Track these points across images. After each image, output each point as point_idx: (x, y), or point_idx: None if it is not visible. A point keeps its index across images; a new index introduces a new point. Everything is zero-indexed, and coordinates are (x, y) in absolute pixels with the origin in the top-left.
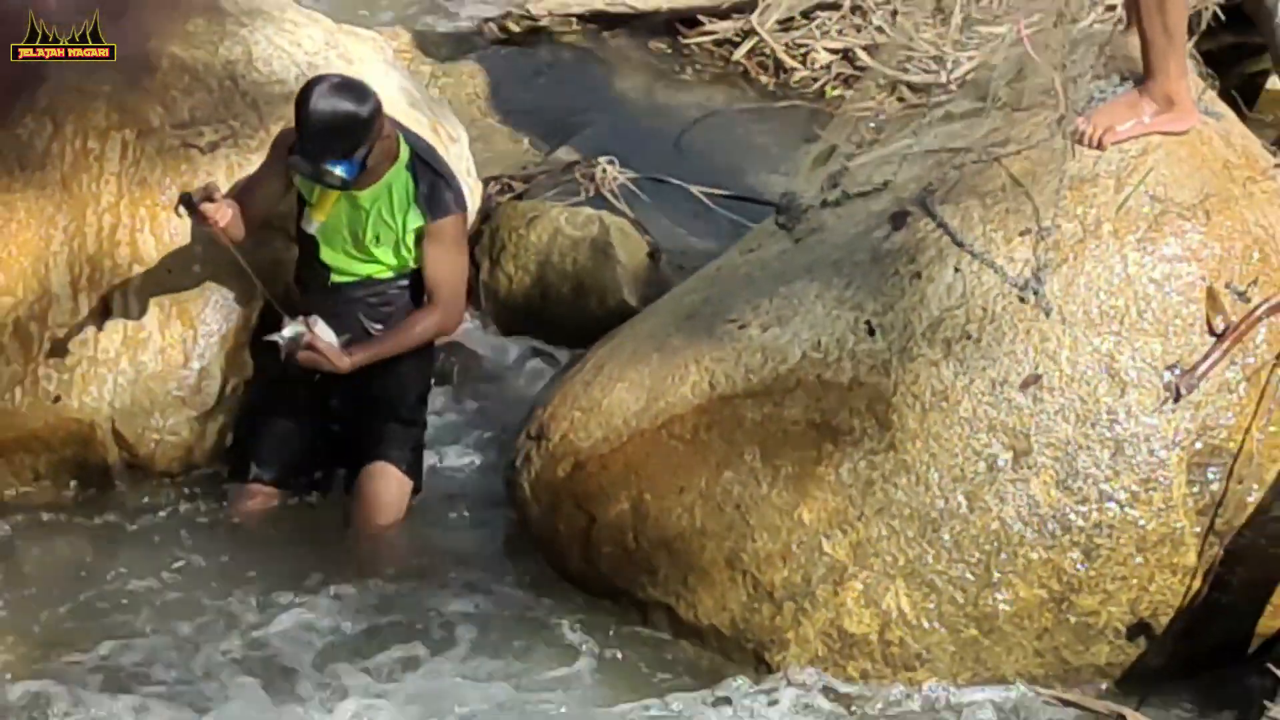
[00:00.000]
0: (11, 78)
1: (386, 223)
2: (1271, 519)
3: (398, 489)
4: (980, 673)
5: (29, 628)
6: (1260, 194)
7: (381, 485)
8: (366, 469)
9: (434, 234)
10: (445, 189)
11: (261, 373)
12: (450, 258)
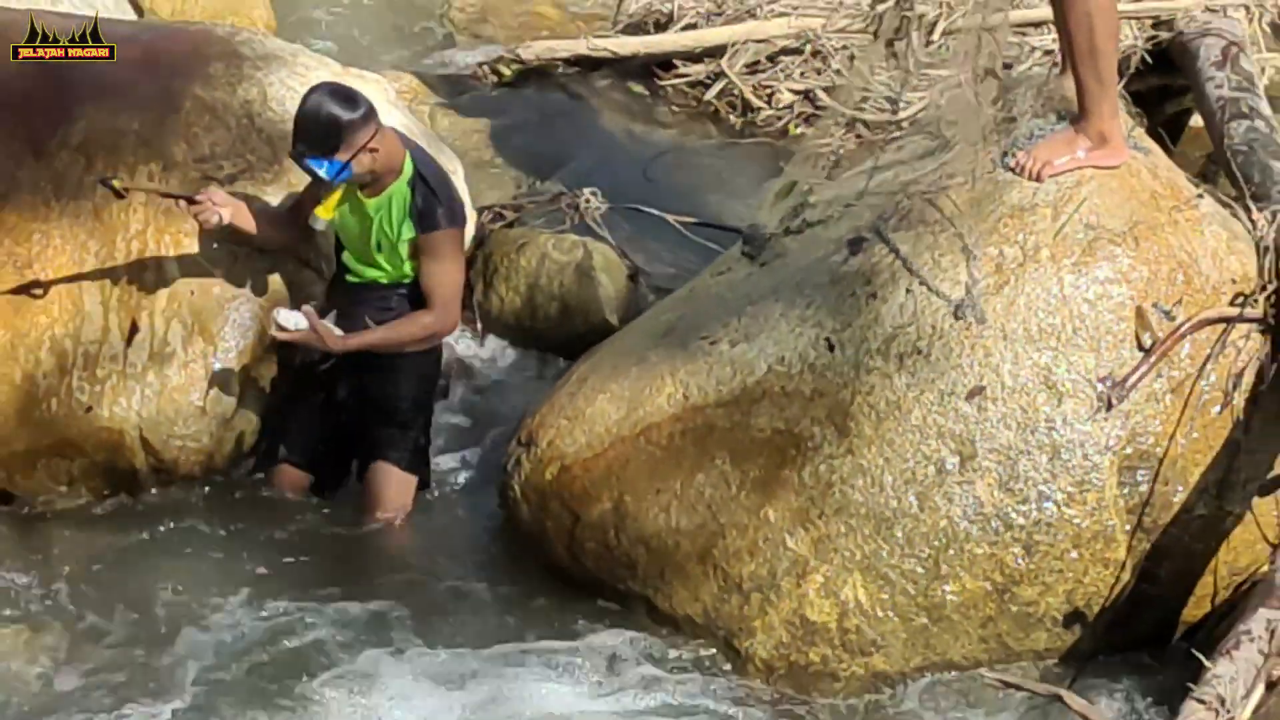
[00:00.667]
0: (49, 119)
1: (385, 232)
2: (1195, 517)
3: (397, 486)
4: (930, 657)
5: (64, 621)
6: (1184, 222)
7: (382, 483)
8: (369, 468)
9: (425, 246)
10: (438, 205)
11: (286, 366)
12: (441, 268)
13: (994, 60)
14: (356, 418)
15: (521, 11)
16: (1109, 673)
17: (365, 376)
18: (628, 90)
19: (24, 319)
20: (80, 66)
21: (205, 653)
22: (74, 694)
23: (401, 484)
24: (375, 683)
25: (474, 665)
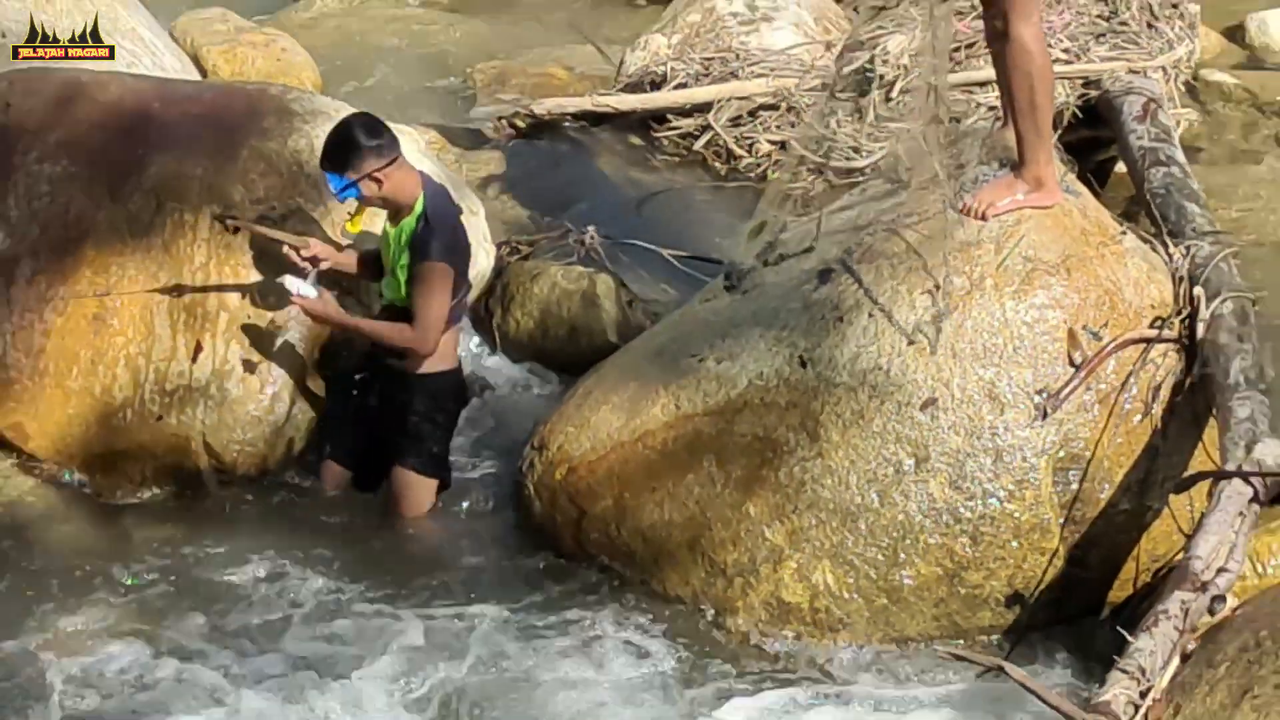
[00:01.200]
0: (124, 167)
1: (395, 258)
2: (1119, 511)
3: (414, 487)
4: (889, 633)
5: (136, 604)
6: (1110, 255)
7: (400, 485)
8: (391, 471)
9: (416, 274)
10: (433, 239)
11: (331, 375)
12: (426, 296)
13: (942, 112)
14: (381, 425)
15: (534, 73)
16: (1045, 646)
17: (388, 390)
18: (627, 141)
19: (103, 340)
20: (152, 122)
21: (254, 625)
22: (144, 661)
23: (418, 486)
24: (403, 652)
25: (491, 637)
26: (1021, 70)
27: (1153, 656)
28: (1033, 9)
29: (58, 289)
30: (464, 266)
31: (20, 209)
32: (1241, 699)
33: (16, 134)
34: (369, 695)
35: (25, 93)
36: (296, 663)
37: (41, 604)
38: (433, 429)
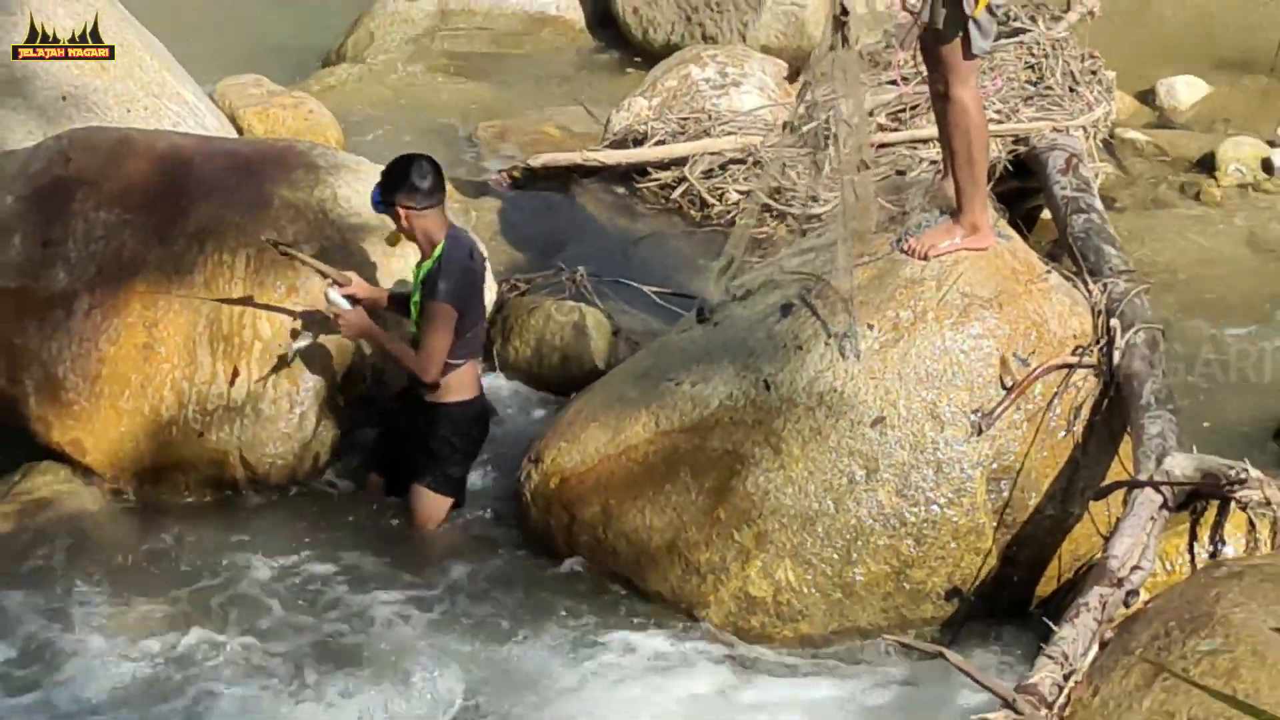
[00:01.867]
0: (171, 213)
1: (414, 293)
2: (1045, 516)
3: (427, 503)
4: (843, 623)
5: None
6: (1037, 291)
7: (414, 500)
8: (411, 487)
9: (423, 310)
10: (442, 282)
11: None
12: (428, 331)
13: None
14: (406, 447)
15: (531, 131)
16: (980, 635)
17: (415, 416)
18: (613, 191)
19: (151, 366)
20: (195, 174)
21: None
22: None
23: (431, 502)
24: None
25: (489, 628)
26: (961, 128)
27: (1075, 644)
28: (971, 74)
29: (111, 321)
30: (471, 310)
31: (79, 250)
32: (1153, 681)
33: (76, 185)
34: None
35: (84, 148)
36: (315, 651)
37: (94, 595)
38: (451, 453)
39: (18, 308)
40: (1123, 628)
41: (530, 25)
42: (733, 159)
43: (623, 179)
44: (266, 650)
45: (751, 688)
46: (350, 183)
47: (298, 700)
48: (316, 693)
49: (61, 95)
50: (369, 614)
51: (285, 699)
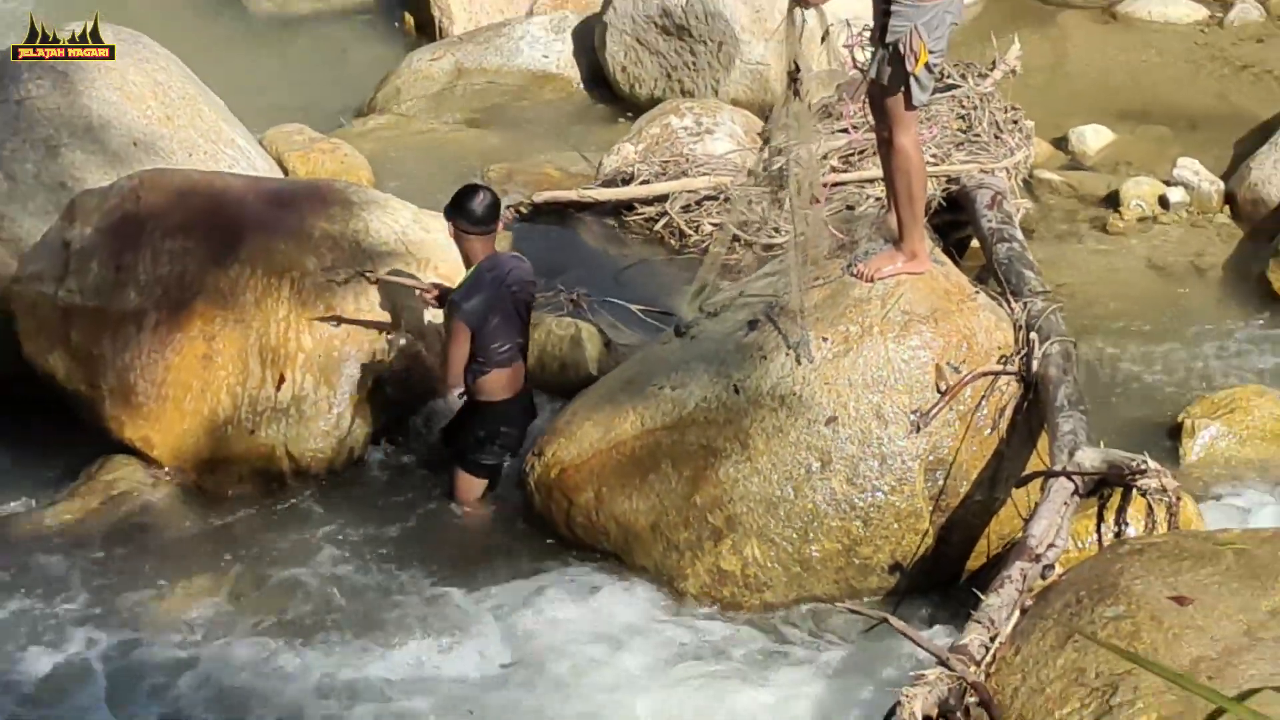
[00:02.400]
0: (226, 243)
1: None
2: (974, 502)
3: (460, 483)
4: (801, 593)
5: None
6: (967, 309)
7: (454, 480)
8: (453, 466)
9: (445, 320)
10: (461, 301)
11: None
12: (446, 339)
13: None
14: (458, 434)
15: (534, 172)
16: (919, 604)
17: (465, 410)
18: (604, 223)
19: (210, 374)
20: (247, 209)
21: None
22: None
23: (463, 481)
24: (432, 607)
25: (500, 596)
26: (902, 170)
27: (1000, 611)
28: (911, 124)
29: (175, 335)
30: (495, 327)
31: (147, 274)
32: (1066, 642)
33: (145, 218)
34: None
35: (151, 187)
36: (350, 614)
37: (159, 568)
38: (479, 443)
39: (95, 324)
40: (1040, 597)
41: (534, 82)
42: (706, 196)
43: (613, 213)
44: (307, 613)
45: (723, 648)
46: (379, 216)
47: (337, 655)
48: (352, 649)
49: (133, 141)
50: (396, 582)
51: (324, 654)
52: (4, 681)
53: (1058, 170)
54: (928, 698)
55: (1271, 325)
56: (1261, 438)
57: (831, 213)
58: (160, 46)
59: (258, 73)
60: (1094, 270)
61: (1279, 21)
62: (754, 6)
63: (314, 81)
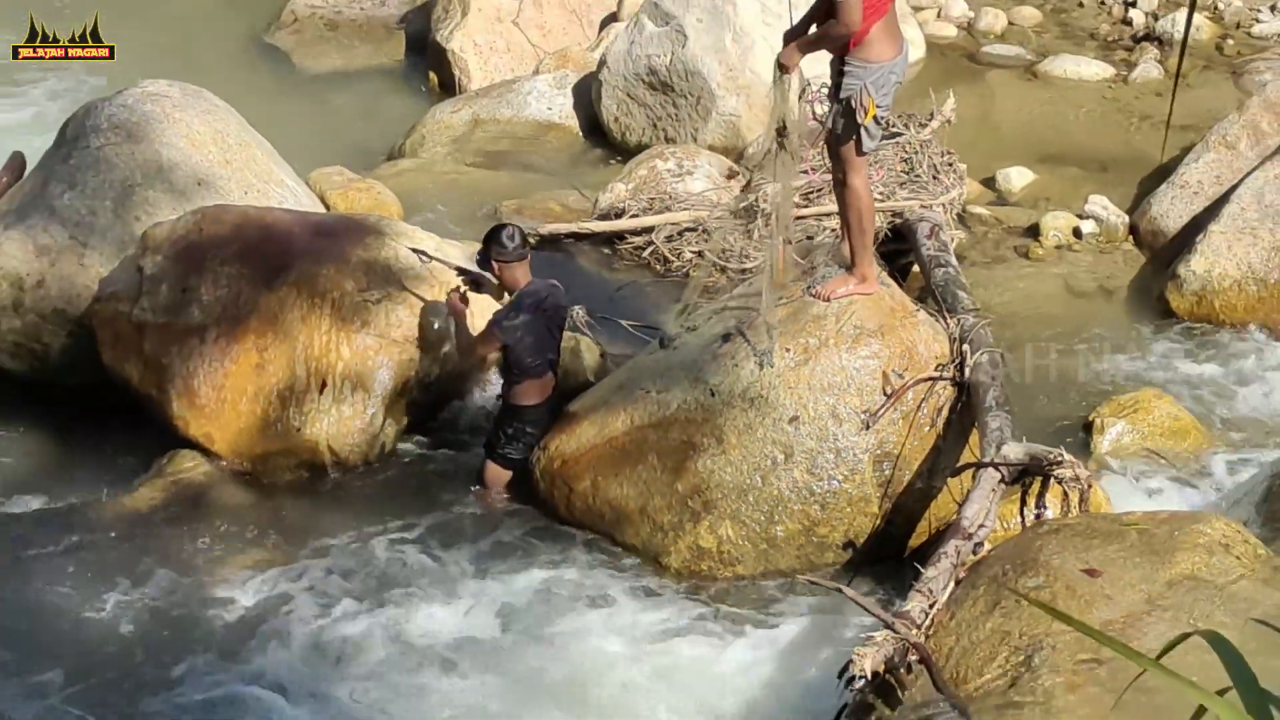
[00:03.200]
0: (275, 268)
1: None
2: (916, 489)
3: (490, 471)
4: (769, 567)
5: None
6: (909, 324)
7: (484, 469)
8: (485, 458)
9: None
10: (505, 315)
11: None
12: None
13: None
14: (492, 430)
15: (540, 207)
16: (868, 576)
17: (499, 410)
18: (600, 251)
19: (263, 379)
20: (294, 239)
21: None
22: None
23: (491, 470)
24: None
25: (508, 567)
26: (854, 206)
27: (937, 582)
28: (862, 167)
29: (232, 347)
30: (524, 344)
31: (209, 295)
32: (993, 608)
33: (207, 247)
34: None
35: (212, 221)
36: (380, 583)
37: (217, 546)
38: (507, 439)
39: (165, 337)
40: (972, 570)
41: (540, 130)
42: (687, 228)
43: (607, 242)
44: (341, 579)
45: (700, 614)
46: (407, 245)
47: (366, 613)
48: (382, 613)
49: (196, 181)
50: (420, 555)
51: (356, 611)
52: (85, 634)
53: (986, 205)
54: (876, 656)
55: (1169, 338)
56: (1160, 434)
57: (794, 242)
58: (219, 99)
59: (303, 122)
60: (1018, 291)
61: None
62: (728, 66)
63: (351, 130)
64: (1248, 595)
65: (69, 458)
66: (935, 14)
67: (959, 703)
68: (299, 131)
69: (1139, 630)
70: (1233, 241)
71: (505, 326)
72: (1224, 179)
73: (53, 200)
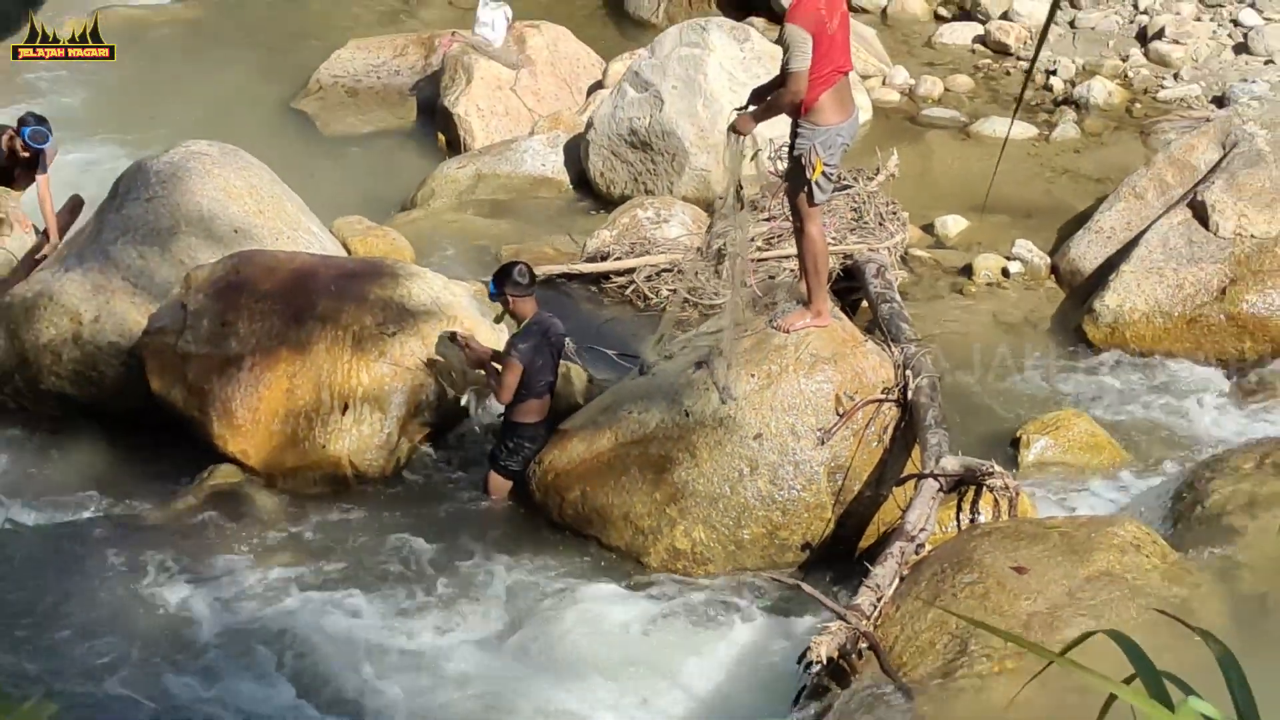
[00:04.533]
0: (303, 305)
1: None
2: (865, 497)
3: (494, 482)
4: (736, 566)
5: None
6: (859, 353)
7: (489, 480)
8: (488, 470)
9: (503, 356)
10: (518, 342)
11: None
12: (502, 370)
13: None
14: (495, 445)
15: (536, 250)
16: (823, 574)
17: (502, 427)
18: (588, 290)
19: (292, 402)
20: (319, 280)
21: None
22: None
23: (495, 480)
24: (456, 574)
25: (507, 566)
26: (810, 250)
27: (884, 578)
28: (816, 215)
29: (266, 374)
30: (535, 366)
31: (245, 328)
32: (934, 600)
33: (243, 286)
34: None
35: (248, 263)
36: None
37: (251, 548)
38: (509, 453)
39: (206, 366)
40: (914, 568)
41: (535, 184)
42: (664, 269)
43: (594, 281)
44: (360, 577)
45: (675, 607)
46: (420, 285)
47: (380, 609)
48: (392, 603)
49: (234, 229)
50: (430, 555)
51: (371, 607)
52: (132, 621)
53: (926, 249)
54: (831, 644)
55: (1086, 365)
56: (1079, 449)
57: (758, 281)
58: (253, 158)
59: (327, 177)
60: (954, 323)
61: (1090, 137)
62: (699, 127)
63: (369, 183)
64: (1155, 589)
65: (123, 471)
66: (881, 81)
67: (903, 685)
68: (323, 185)
69: (1062, 620)
70: (1141, 280)
71: (520, 349)
72: (1133, 225)
73: (107, 246)
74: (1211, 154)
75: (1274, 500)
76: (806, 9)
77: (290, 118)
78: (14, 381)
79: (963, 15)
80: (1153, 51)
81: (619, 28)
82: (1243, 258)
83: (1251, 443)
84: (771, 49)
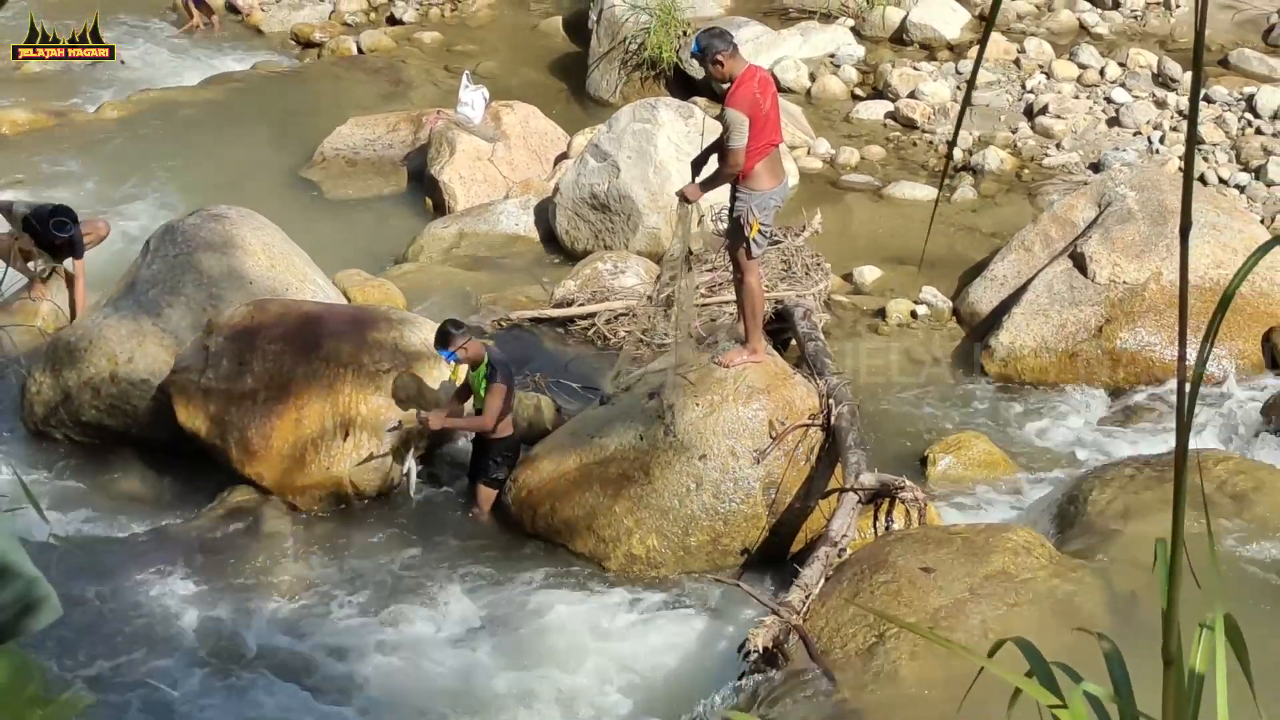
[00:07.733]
0: (309, 346)
1: (479, 386)
2: (795, 509)
3: (483, 493)
4: (684, 568)
5: (308, 563)
6: (789, 384)
7: (478, 492)
8: (476, 484)
9: (488, 390)
10: (498, 375)
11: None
12: (490, 401)
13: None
14: (476, 463)
15: (511, 298)
16: (759, 575)
17: (481, 444)
18: (555, 331)
19: (300, 430)
20: (325, 325)
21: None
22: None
23: (483, 492)
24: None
25: (485, 571)
26: (748, 297)
27: (812, 578)
28: (754, 267)
29: (277, 407)
30: (511, 388)
31: (260, 366)
32: (855, 596)
33: (257, 330)
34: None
35: (261, 310)
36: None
37: (267, 557)
38: (495, 465)
39: (225, 400)
40: (838, 569)
41: (510, 241)
42: (621, 313)
43: (560, 325)
44: (361, 582)
45: (632, 605)
46: (413, 329)
47: (375, 612)
48: (386, 614)
49: (250, 281)
50: (420, 563)
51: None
52: (160, 626)
53: (846, 295)
54: (766, 635)
55: (983, 393)
56: (978, 465)
57: (702, 323)
58: (266, 219)
59: (330, 235)
60: (870, 359)
61: (986, 199)
62: (650, 191)
63: (366, 241)
64: (1044, 586)
65: (154, 491)
66: (806, 151)
67: (828, 670)
68: (327, 243)
69: (965, 613)
70: (1030, 320)
71: (500, 376)
72: (1023, 273)
73: (140, 296)
74: (1089, 212)
75: (1145, 509)
76: (744, 95)
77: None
78: (59, 414)
79: (875, 94)
80: (1038, 125)
81: (581, 106)
82: (1116, 301)
83: (1125, 459)
84: (712, 124)
